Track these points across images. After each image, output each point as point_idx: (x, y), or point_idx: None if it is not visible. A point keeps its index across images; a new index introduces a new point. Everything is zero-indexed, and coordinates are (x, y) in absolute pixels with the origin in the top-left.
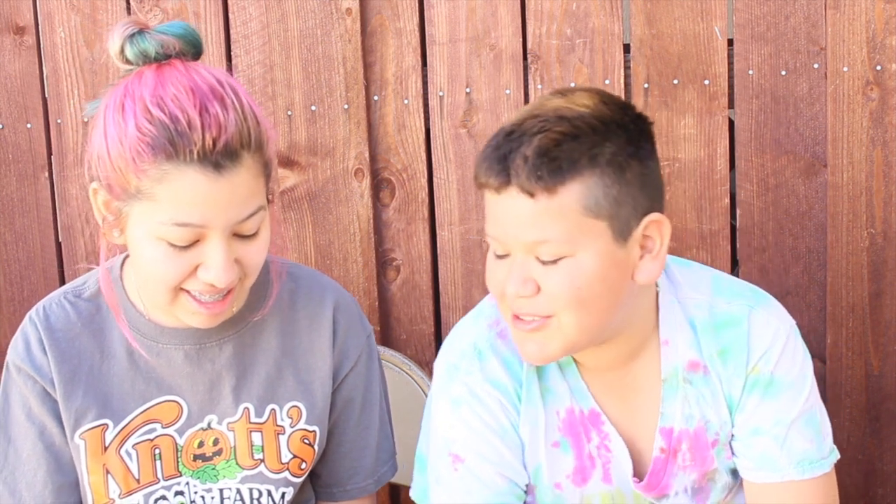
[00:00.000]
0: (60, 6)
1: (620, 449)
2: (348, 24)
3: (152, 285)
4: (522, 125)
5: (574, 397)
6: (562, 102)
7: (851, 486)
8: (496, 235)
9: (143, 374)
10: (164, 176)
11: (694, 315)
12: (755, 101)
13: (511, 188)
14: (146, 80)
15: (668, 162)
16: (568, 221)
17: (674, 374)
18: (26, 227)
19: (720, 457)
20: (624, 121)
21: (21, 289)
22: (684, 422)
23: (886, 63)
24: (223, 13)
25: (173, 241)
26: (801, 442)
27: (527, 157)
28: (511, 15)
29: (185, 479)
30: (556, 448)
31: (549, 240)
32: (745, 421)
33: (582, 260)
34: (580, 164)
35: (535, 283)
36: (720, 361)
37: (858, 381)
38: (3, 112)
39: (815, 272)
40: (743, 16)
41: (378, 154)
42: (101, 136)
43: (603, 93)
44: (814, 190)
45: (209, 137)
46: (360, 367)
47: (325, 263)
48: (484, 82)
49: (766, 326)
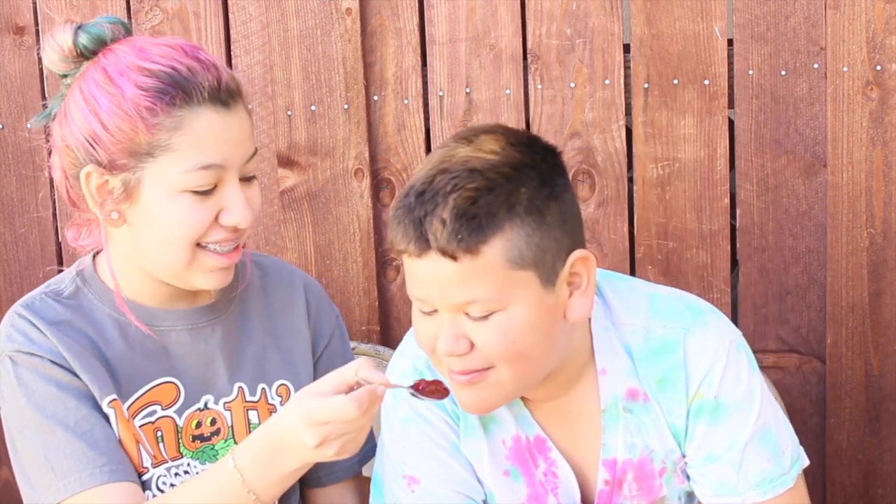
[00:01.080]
0: (60, 6)
1: (567, 475)
2: (348, 24)
3: (174, 247)
4: (433, 183)
5: (519, 425)
6: (469, 152)
7: (851, 486)
8: (421, 297)
9: (139, 356)
10: (180, 122)
11: (630, 342)
12: (755, 101)
13: (431, 253)
14: (122, 53)
15: (667, 162)
16: (494, 278)
17: (613, 403)
18: (26, 227)
19: (670, 484)
20: (535, 161)
21: (21, 289)
22: (627, 452)
23: (886, 63)
24: (223, 13)
25: (198, 188)
26: (759, 462)
27: (444, 219)
28: (511, 15)
29: (185, 460)
30: (507, 477)
31: (477, 299)
32: (697, 449)
33: (513, 313)
34: (499, 218)
35: (467, 340)
36: (658, 390)
37: (858, 381)
38: (3, 112)
39: (815, 272)
40: (743, 16)
41: (378, 154)
42: (88, 115)
43: (507, 131)
44: (814, 190)
45: (212, 77)
46: (334, 346)
47: (325, 263)
48: (484, 82)
49: (702, 350)
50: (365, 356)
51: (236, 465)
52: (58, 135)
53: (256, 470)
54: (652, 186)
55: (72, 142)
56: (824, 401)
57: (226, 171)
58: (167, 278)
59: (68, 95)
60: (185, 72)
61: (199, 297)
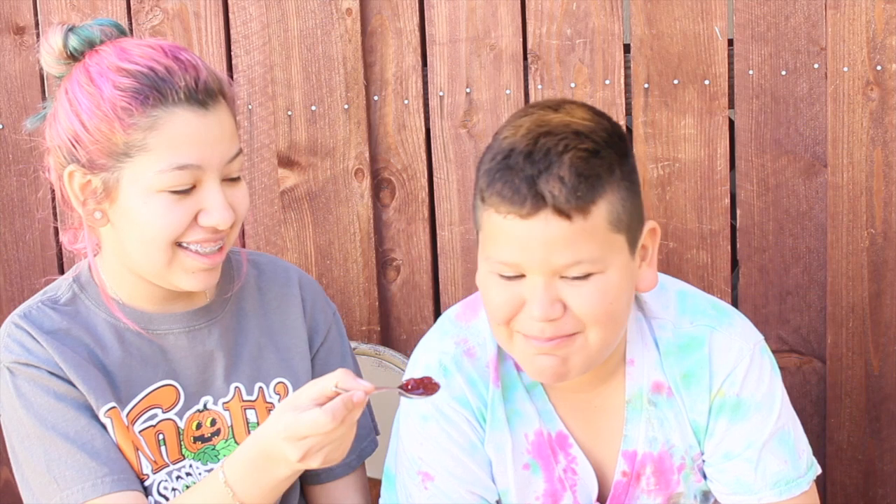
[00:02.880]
0: (60, 6)
1: (587, 472)
2: (348, 24)
3: (151, 246)
4: (538, 144)
5: (542, 420)
6: (563, 117)
7: (851, 486)
8: (512, 260)
9: (137, 361)
10: (155, 122)
11: (659, 335)
12: (755, 101)
13: (544, 212)
14: (105, 54)
15: (668, 162)
16: (598, 239)
17: (638, 395)
18: (26, 227)
19: (688, 481)
20: (619, 131)
21: (21, 289)
22: (647, 445)
23: (886, 63)
24: (223, 13)
25: (174, 187)
26: (776, 463)
27: (562, 177)
28: (511, 15)
29: (188, 461)
30: (527, 470)
31: (583, 260)
32: (716, 446)
33: (610, 275)
34: (604, 181)
35: (561, 304)
36: (683, 386)
37: (858, 381)
38: (3, 112)
39: (815, 272)
40: (743, 16)
41: (378, 154)
42: (70, 116)
43: (587, 105)
44: (814, 190)
45: (190, 78)
46: (331, 342)
47: (325, 263)
48: (484, 82)
49: (727, 349)
50: (343, 370)
51: (226, 479)
52: (48, 136)
53: (247, 482)
54: (652, 186)
55: (57, 142)
56: (824, 401)
57: (203, 172)
58: (151, 279)
59: (57, 97)
60: (162, 72)
61: (195, 299)
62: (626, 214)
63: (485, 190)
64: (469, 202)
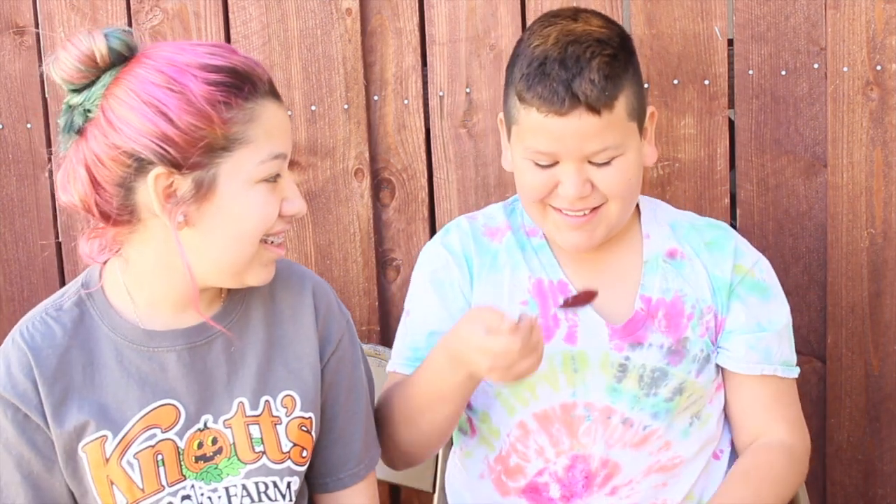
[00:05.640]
0: (60, 6)
1: (588, 313)
2: (348, 24)
3: (244, 240)
4: (568, 51)
5: (545, 270)
6: (583, 26)
7: (851, 486)
8: (548, 150)
9: (136, 380)
10: (252, 114)
11: (674, 220)
12: (755, 101)
13: (578, 109)
14: (167, 54)
15: (668, 162)
16: (620, 128)
17: (654, 258)
18: (26, 227)
19: (695, 330)
20: (626, 34)
21: (21, 289)
22: (661, 293)
23: (886, 63)
24: (223, 13)
25: (269, 176)
26: (788, 346)
27: (593, 80)
28: (511, 15)
29: (189, 482)
30: (525, 306)
31: (609, 146)
32: (748, 318)
33: (628, 157)
34: (622, 79)
35: (590, 184)
36: (706, 250)
37: (858, 381)
38: (3, 112)
39: (815, 272)
40: (743, 16)
41: (378, 154)
42: (153, 117)
43: (598, 12)
44: (814, 190)
45: (262, 72)
46: (343, 351)
47: (325, 263)
48: (484, 82)
49: (748, 245)
50: None
51: None
52: (99, 145)
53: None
54: (652, 186)
55: (130, 147)
56: (824, 401)
57: (286, 161)
58: (224, 277)
59: (108, 104)
60: (244, 69)
61: (212, 305)
62: (637, 104)
63: (525, 92)
64: (469, 202)
